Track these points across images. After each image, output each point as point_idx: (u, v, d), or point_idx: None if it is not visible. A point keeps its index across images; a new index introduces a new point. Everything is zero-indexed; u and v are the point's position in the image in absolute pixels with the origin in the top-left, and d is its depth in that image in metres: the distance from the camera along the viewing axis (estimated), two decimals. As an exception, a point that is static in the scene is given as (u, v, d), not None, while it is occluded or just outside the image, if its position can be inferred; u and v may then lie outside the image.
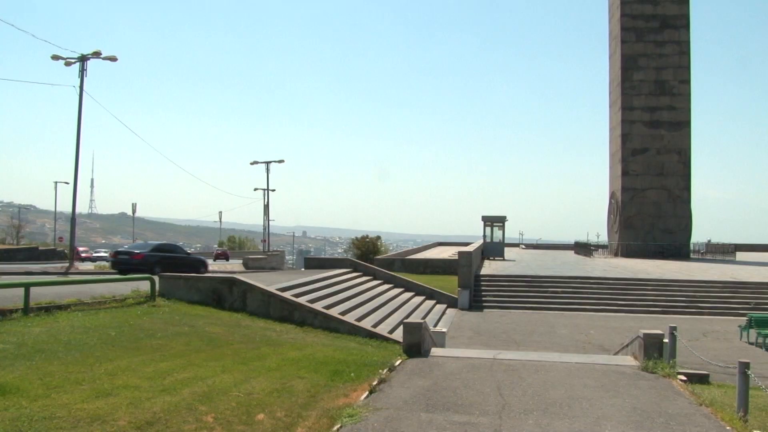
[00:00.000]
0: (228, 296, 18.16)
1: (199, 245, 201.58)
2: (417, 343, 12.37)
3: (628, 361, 12.55)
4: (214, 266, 40.80)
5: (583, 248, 53.47)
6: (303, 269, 33.75)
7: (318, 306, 18.13)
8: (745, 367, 8.97)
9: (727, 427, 8.06)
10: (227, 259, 63.59)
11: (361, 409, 8.27)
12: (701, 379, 12.71)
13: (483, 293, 28.06)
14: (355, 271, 28.29)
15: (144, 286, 17.88)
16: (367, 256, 49.20)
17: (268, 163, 67.57)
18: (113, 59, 32.66)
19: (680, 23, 49.02)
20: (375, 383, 9.75)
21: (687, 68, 49.00)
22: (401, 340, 13.07)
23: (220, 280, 18.82)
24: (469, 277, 27.90)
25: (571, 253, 56.22)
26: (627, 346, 14.35)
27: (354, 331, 16.98)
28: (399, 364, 11.35)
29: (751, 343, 19.69)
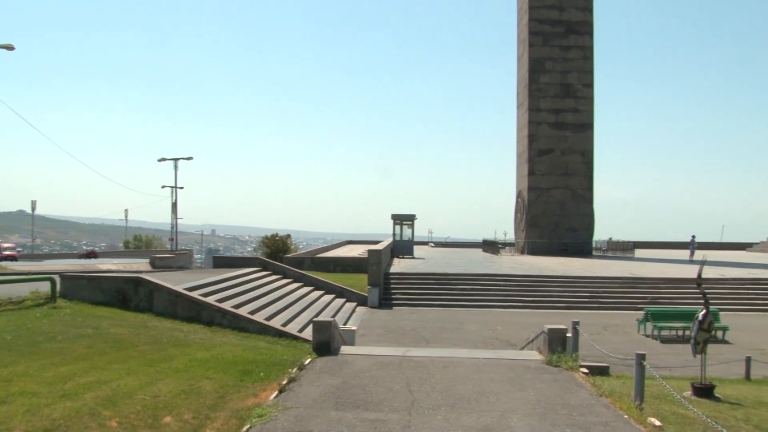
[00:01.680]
0: (134, 296, 17.66)
1: (104, 244, 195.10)
2: (326, 341, 12.35)
3: (533, 355, 12.90)
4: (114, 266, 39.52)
5: (491, 246, 54.56)
6: (211, 268, 33.13)
7: (227, 305, 17.85)
8: (641, 358, 9.37)
9: (625, 416, 8.40)
10: (96, 257, 64.03)
11: (270, 409, 8.20)
12: (602, 371, 13.19)
13: (393, 291, 28.27)
14: (264, 269, 27.99)
15: (44, 287, 17.16)
16: (277, 254, 48.75)
17: (176, 160, 65.84)
18: (10, 48, 31.05)
19: (584, 29, 50.70)
20: (285, 382, 9.68)
21: (590, 72, 50.72)
22: (311, 338, 13.03)
23: (125, 279, 18.29)
24: (379, 275, 28.06)
25: (479, 251, 57.25)
26: (532, 341, 14.75)
27: (263, 330, 16.81)
28: (309, 363, 11.31)
29: (648, 336, 20.59)
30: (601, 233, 57.62)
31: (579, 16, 50.47)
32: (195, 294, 17.91)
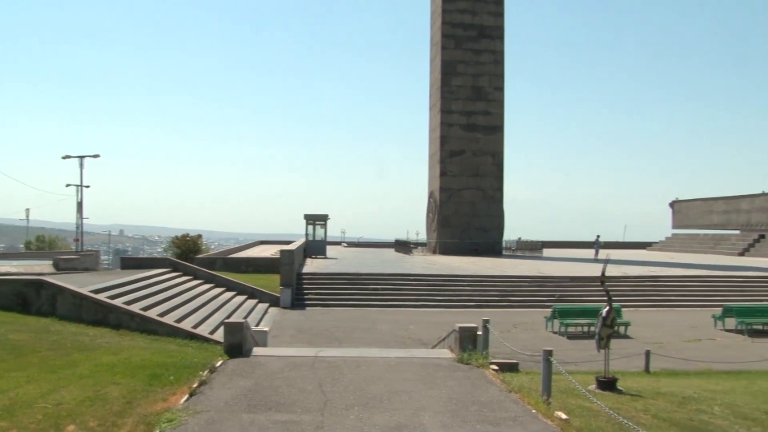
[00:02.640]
0: (35, 300, 16.95)
1: (2, 245, 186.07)
2: (238, 343, 12.20)
3: (444, 353, 13.09)
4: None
5: (403, 246, 55.00)
6: (119, 270, 32.15)
7: (135, 308, 17.37)
8: (548, 354, 9.66)
9: (533, 410, 8.64)
10: None
11: (180, 413, 8.03)
12: (511, 368, 13.50)
13: (305, 291, 28.14)
14: (174, 270, 27.36)
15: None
16: (188, 255, 47.69)
17: (81, 157, 63.50)
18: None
19: (496, 34, 51.76)
20: (195, 386, 9.50)
21: (501, 76, 51.82)
22: (223, 340, 12.84)
23: (26, 282, 17.53)
24: (292, 276, 27.88)
25: (392, 250, 57.59)
26: (444, 339, 14.97)
27: (174, 332, 16.44)
28: (220, 365, 11.14)
29: (555, 332, 21.23)
30: (510, 233, 59.03)
31: (491, 21, 51.50)
32: (101, 296, 17.34)
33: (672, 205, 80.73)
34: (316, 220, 44.92)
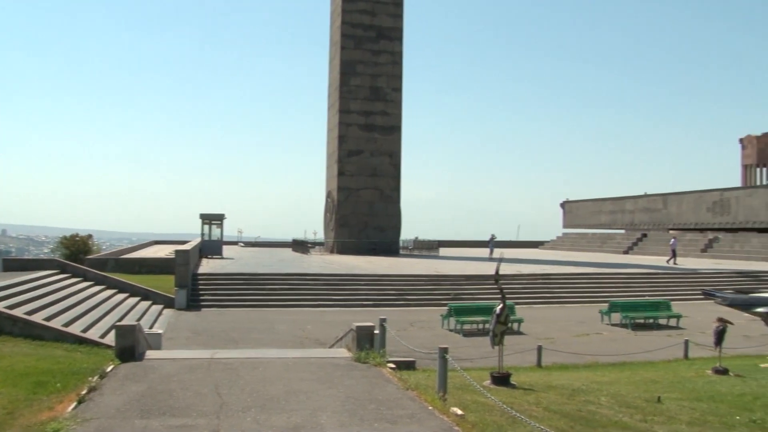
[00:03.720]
0: None
1: None
2: (130, 346, 11.82)
3: (342, 353, 13.11)
4: None
5: (301, 246, 54.73)
6: (1, 272, 30.53)
7: (18, 312, 16.49)
8: (444, 352, 9.83)
9: (429, 407, 8.77)
10: None
11: (68, 422, 7.70)
12: (408, 366, 13.68)
13: (201, 292, 27.55)
14: (62, 272, 26.18)
15: None
16: (78, 256, 45.73)
17: (-43, 153, 59.85)
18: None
19: (395, 35, 52.23)
20: (84, 392, 9.14)
21: (399, 77, 52.33)
22: (114, 344, 12.40)
23: None
24: (187, 276, 27.20)
25: (290, 250, 57.22)
26: (341, 338, 14.99)
27: (61, 337, 15.72)
28: (111, 370, 10.76)
29: (451, 330, 21.62)
30: (407, 233, 59.72)
31: (390, 23, 51.94)
32: (-20, 300, 16.40)
33: (563, 205, 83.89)
34: (212, 219, 44.04)
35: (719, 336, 15.09)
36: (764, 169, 79.21)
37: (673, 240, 47.49)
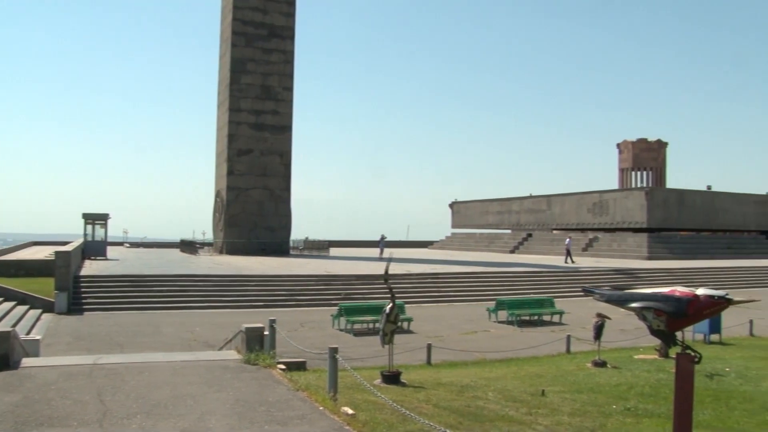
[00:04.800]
0: None
1: None
2: (4, 354, 11.15)
3: (231, 355, 12.87)
4: None
5: (189, 246, 53.50)
6: None
7: None
8: (334, 352, 9.82)
9: (320, 408, 8.73)
10: None
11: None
12: (299, 367, 13.57)
13: (84, 295, 26.39)
14: (-73, 275, 24.50)
15: None
16: (-55, 258, 42.95)
17: None
18: None
19: (287, 34, 51.82)
20: (-49, 403, 8.56)
21: (291, 76, 51.96)
22: (-15, 351, 11.67)
23: None
24: (68, 279, 25.99)
25: (178, 251, 55.85)
26: (231, 340, 14.72)
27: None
28: (-18, 378, 10.12)
29: (342, 330, 21.64)
30: (298, 233, 59.48)
31: (282, 21, 51.50)
32: None
33: (452, 206, 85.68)
34: (95, 219, 42.29)
35: (598, 330, 15.81)
36: (639, 173, 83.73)
37: (568, 240, 49.40)
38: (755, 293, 33.33)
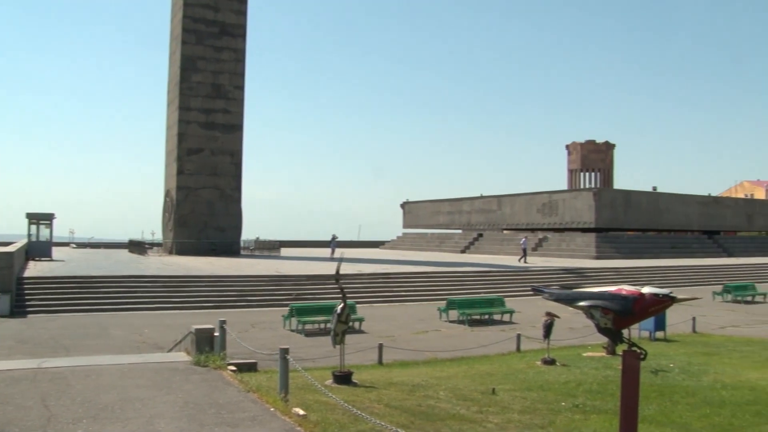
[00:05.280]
0: None
1: None
2: (-56, 357, 10.83)
3: (181, 357, 12.72)
4: None
5: (138, 246, 52.68)
6: None
7: None
8: (285, 352, 9.77)
9: (271, 409, 8.68)
10: None
11: None
12: (250, 368, 13.46)
13: (27, 297, 25.72)
14: None
15: None
16: None
17: None
18: None
19: (238, 32, 51.32)
20: None
21: (242, 75, 51.48)
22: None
23: None
24: (10, 280, 25.30)
25: (126, 251, 54.93)
26: (180, 342, 14.54)
27: None
28: None
29: (294, 330, 21.52)
30: (249, 233, 58.96)
31: (233, 19, 51.00)
32: None
33: (403, 206, 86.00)
34: (39, 219, 41.28)
35: (547, 329, 16.04)
36: (587, 174, 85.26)
37: (523, 239, 49.96)
38: (698, 291, 34.27)
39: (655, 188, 67.38)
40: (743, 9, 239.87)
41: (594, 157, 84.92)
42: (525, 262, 45.53)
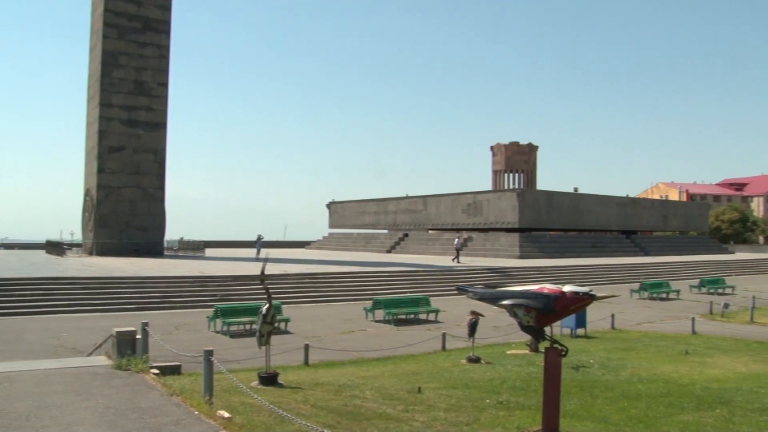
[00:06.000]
0: None
1: None
2: None
3: (101, 361, 12.38)
4: None
5: (56, 247, 51.01)
6: None
7: None
8: (209, 354, 9.64)
9: (195, 412, 8.54)
10: None
11: None
12: (173, 371, 13.21)
13: (-64, 300, 24.59)
14: None
15: None
16: None
17: None
18: None
19: (162, 28, 50.23)
20: None
21: (166, 72, 50.41)
22: None
23: None
24: None
25: (44, 252, 53.13)
26: (100, 345, 14.17)
27: None
28: None
29: (218, 332, 21.22)
30: (173, 233, 57.96)
31: (157, 14, 49.90)
32: None
33: (329, 206, 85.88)
34: (-52, 219, 39.57)
35: (472, 328, 16.29)
36: (511, 175, 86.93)
37: (456, 240, 50.49)
38: (616, 289, 35.44)
39: (576, 189, 69.32)
40: (658, 11, 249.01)
41: (518, 159, 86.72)
42: (458, 261, 46.08)
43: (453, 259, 47.10)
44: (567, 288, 8.25)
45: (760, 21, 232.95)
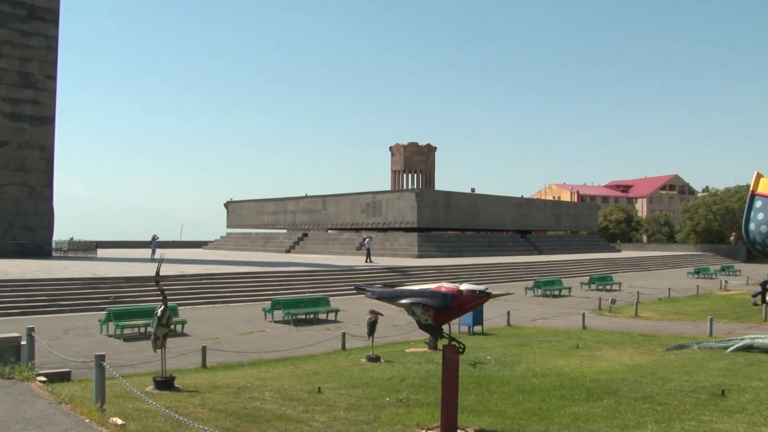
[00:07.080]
0: None
1: None
2: None
3: (-18, 368, 11.71)
4: None
5: (-68, 248, 47.96)
6: None
7: None
8: (100, 359, 9.28)
9: (86, 420, 8.20)
10: None
11: None
12: (63, 378, 12.64)
13: None
14: None
15: None
16: None
17: None
18: None
19: (50, 17, 47.93)
20: None
21: (54, 64, 48.17)
22: None
23: None
24: None
25: None
26: (-18, 352, 13.38)
27: None
28: None
29: (111, 336, 20.47)
30: (62, 233, 55.56)
31: (44, 3, 47.56)
32: None
33: (227, 205, 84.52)
34: None
35: (371, 327, 16.36)
36: (410, 175, 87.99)
37: (367, 240, 50.43)
38: (511, 287, 36.50)
39: (473, 190, 70.94)
40: (550, 15, 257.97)
41: (416, 159, 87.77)
42: (370, 261, 46.10)
43: (366, 260, 47.02)
44: (464, 286, 8.40)
45: (648, 26, 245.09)
